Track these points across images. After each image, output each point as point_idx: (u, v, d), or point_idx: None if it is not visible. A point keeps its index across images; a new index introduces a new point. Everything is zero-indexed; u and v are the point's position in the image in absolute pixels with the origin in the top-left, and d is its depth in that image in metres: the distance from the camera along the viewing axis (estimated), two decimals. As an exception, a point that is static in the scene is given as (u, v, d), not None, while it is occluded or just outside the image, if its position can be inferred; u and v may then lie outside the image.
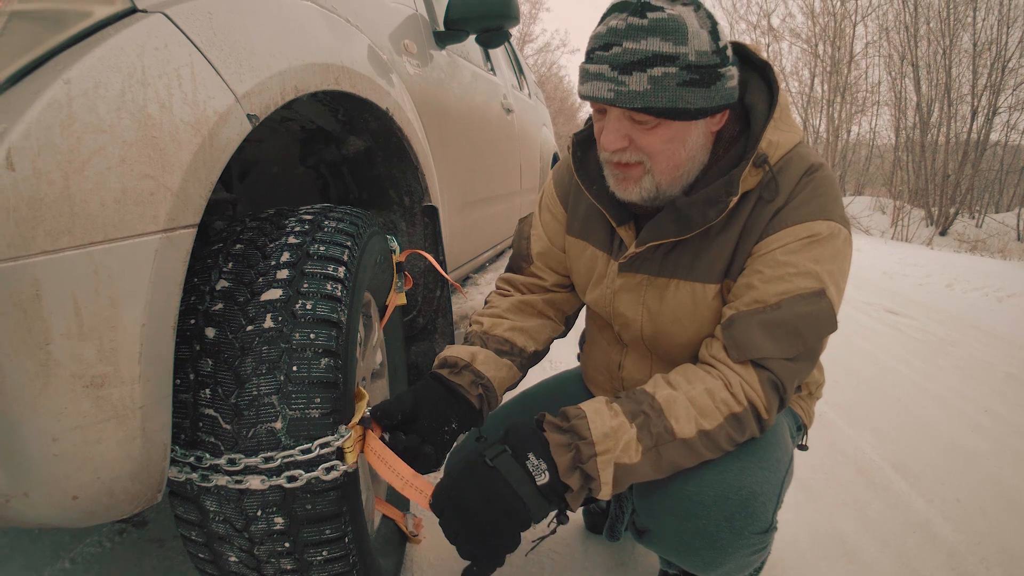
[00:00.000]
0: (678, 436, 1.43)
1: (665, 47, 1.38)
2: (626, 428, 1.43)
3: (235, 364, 1.36)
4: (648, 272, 1.69)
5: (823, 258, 1.49)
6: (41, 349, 1.02)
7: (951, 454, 3.28)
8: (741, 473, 1.50)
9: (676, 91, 1.40)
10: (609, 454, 1.40)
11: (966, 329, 5.98)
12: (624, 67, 1.39)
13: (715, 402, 1.46)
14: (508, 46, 5.73)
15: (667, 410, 1.45)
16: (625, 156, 1.52)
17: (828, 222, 1.50)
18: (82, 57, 1.09)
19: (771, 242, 1.52)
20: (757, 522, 1.50)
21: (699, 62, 1.40)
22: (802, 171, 1.54)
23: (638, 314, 1.74)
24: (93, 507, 1.16)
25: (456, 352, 1.78)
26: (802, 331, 1.47)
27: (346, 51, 1.85)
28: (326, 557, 1.49)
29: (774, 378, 1.47)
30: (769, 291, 1.49)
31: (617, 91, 1.41)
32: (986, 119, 17.05)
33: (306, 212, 1.64)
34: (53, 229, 1.00)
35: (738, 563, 1.55)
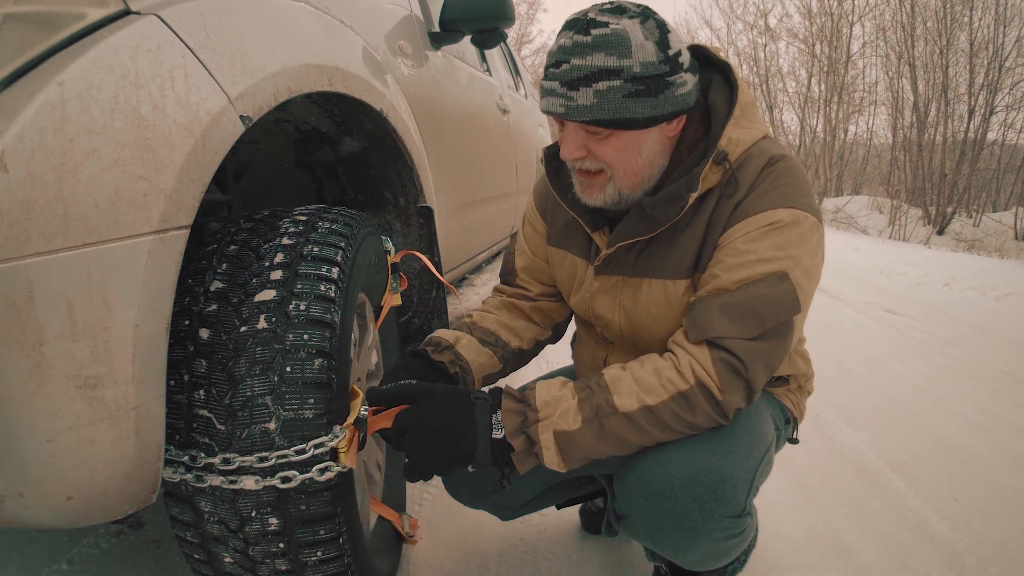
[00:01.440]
0: (619, 409, 1.48)
1: (608, 61, 1.44)
2: (568, 398, 1.52)
3: (229, 365, 1.36)
4: (622, 273, 1.75)
5: (786, 244, 1.52)
6: (35, 350, 1.02)
7: (949, 453, 3.28)
8: (711, 456, 1.52)
9: (622, 103, 1.46)
10: (548, 420, 1.49)
11: (964, 328, 5.98)
12: (572, 83, 1.46)
13: (660, 380, 1.50)
14: (504, 47, 5.73)
15: (611, 385, 1.52)
16: (586, 164, 1.60)
17: (789, 209, 1.53)
18: (76, 59, 1.09)
19: (733, 232, 1.56)
20: (727, 505, 1.52)
21: (644, 73, 1.46)
22: (762, 164, 1.58)
23: (615, 315, 1.80)
24: (88, 508, 1.16)
25: (441, 334, 1.89)
26: (761, 311, 1.49)
27: (340, 52, 1.85)
28: (321, 558, 1.49)
29: (729, 358, 1.48)
30: (730, 278, 1.52)
31: (567, 106, 1.49)
32: (983, 118, 17.05)
33: (300, 213, 1.64)
34: (46, 231, 1.01)
35: (711, 548, 1.58)
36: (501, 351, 1.94)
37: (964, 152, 17.22)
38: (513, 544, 2.38)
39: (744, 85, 1.64)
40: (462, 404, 1.54)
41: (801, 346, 1.92)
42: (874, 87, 21.27)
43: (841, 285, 7.89)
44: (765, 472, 1.67)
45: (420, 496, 2.68)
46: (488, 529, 2.46)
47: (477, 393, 1.57)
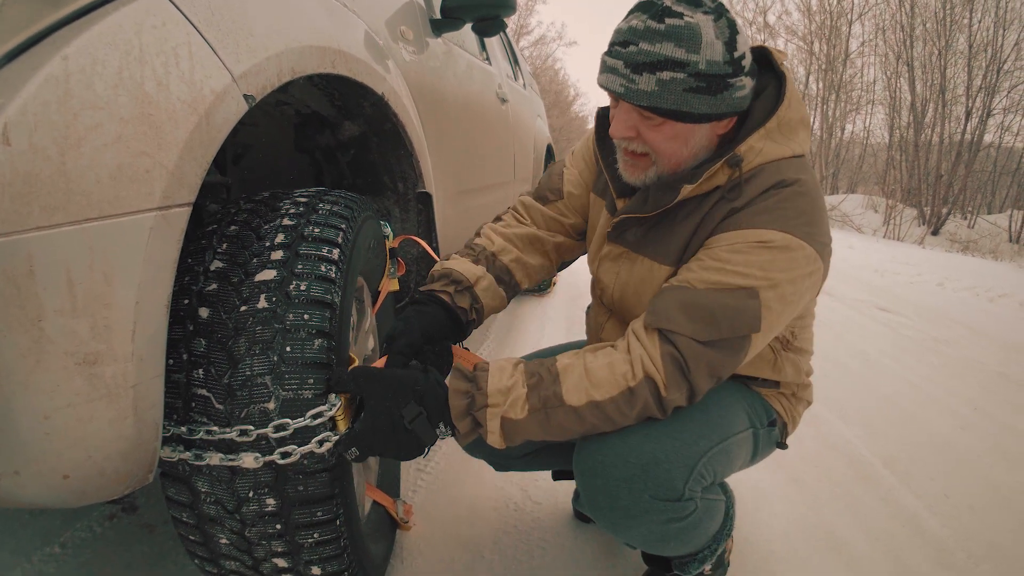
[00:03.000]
0: (566, 403, 1.52)
1: (677, 53, 1.45)
2: (518, 388, 1.53)
3: (228, 344, 1.36)
4: (627, 246, 1.81)
5: (771, 266, 1.51)
6: (34, 325, 1.01)
7: (941, 451, 3.29)
8: (644, 439, 1.57)
9: (682, 95, 1.48)
10: (498, 408, 1.52)
11: (957, 328, 6.00)
12: (636, 66, 1.48)
13: (613, 374, 1.52)
14: (504, 36, 5.71)
15: (561, 376, 1.54)
16: (632, 145, 1.63)
17: (784, 234, 1.52)
18: (80, 34, 1.08)
19: (721, 239, 1.57)
20: (659, 488, 1.56)
21: (708, 71, 1.47)
22: (772, 182, 1.57)
23: (612, 282, 1.87)
24: (84, 487, 1.15)
25: (461, 268, 1.92)
26: (719, 318, 1.50)
27: (343, 35, 1.84)
28: (317, 539, 1.49)
29: (677, 354, 1.50)
30: (700, 277, 1.54)
31: (627, 87, 1.50)
32: (980, 120, 17.10)
33: (301, 195, 1.64)
34: (48, 205, 1.00)
35: (652, 530, 1.62)
36: (512, 291, 2.02)
37: (960, 153, 17.28)
38: (507, 531, 2.38)
39: (797, 101, 1.65)
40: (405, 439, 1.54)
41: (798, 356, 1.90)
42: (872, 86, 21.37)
43: (835, 283, 7.90)
44: (721, 462, 1.70)
45: (415, 483, 2.68)
46: (482, 516, 2.47)
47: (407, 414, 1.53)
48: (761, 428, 1.87)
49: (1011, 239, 16.20)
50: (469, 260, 1.95)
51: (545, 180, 2.13)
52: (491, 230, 2.07)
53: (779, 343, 1.82)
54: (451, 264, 1.92)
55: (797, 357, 1.89)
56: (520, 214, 2.12)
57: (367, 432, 1.50)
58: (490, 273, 1.95)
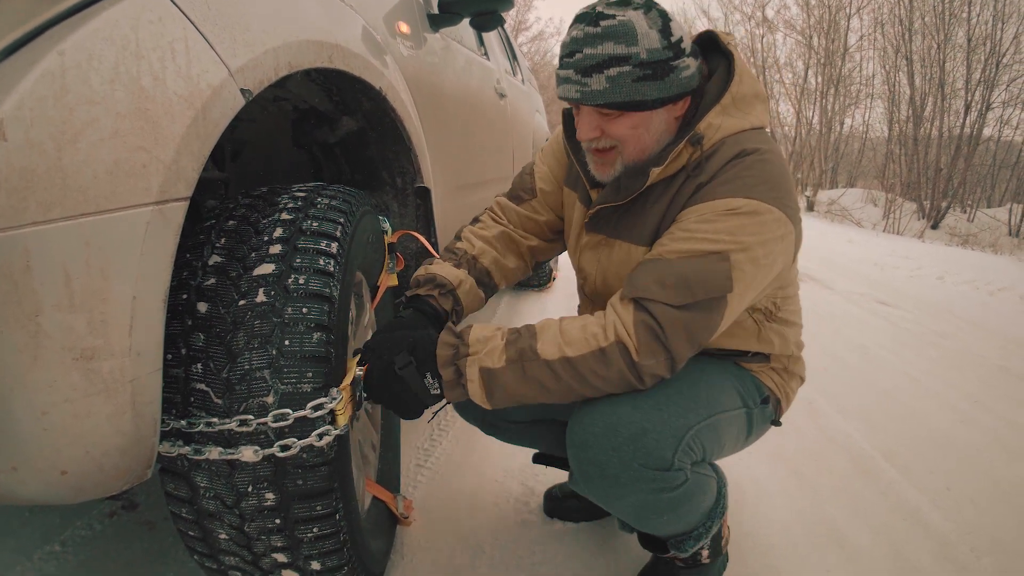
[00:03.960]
0: (541, 356, 1.59)
1: (617, 49, 1.57)
2: (497, 339, 1.63)
3: (227, 338, 1.36)
4: (605, 233, 1.88)
5: (738, 230, 1.58)
6: (31, 321, 1.01)
7: (941, 444, 3.28)
8: (633, 410, 1.62)
9: (632, 86, 1.60)
10: (476, 355, 1.61)
11: (957, 321, 5.99)
12: (585, 70, 1.60)
13: (585, 334, 1.59)
14: (502, 32, 5.71)
15: (538, 332, 1.63)
16: (600, 143, 1.73)
17: (749, 200, 1.59)
18: (77, 29, 1.08)
19: (691, 212, 1.64)
20: (647, 457, 1.61)
21: (650, 59, 1.59)
22: (733, 154, 1.65)
23: (593, 270, 1.95)
24: (83, 483, 1.15)
25: (444, 273, 1.96)
26: (691, 282, 1.56)
27: (340, 29, 1.84)
28: (316, 534, 1.49)
29: (650, 321, 1.56)
30: (672, 247, 1.61)
31: (582, 91, 1.62)
32: (979, 114, 17.05)
33: (299, 189, 1.64)
34: (45, 200, 1.00)
35: (643, 500, 1.67)
36: (490, 291, 2.09)
37: (959, 147, 17.23)
38: (507, 526, 2.39)
39: (748, 77, 1.74)
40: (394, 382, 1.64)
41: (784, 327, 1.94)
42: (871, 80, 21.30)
43: (835, 276, 7.91)
44: (709, 438, 1.74)
45: (414, 478, 2.68)
46: (482, 511, 2.47)
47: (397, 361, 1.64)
48: (755, 407, 1.90)
49: (1011, 233, 16.17)
50: (451, 264, 2.00)
51: (518, 180, 2.21)
52: (471, 233, 2.12)
53: (762, 315, 1.88)
54: (434, 269, 1.97)
55: (783, 328, 1.93)
56: (497, 214, 2.19)
57: (367, 377, 1.65)
58: (471, 276, 2.01)
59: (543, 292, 6.18)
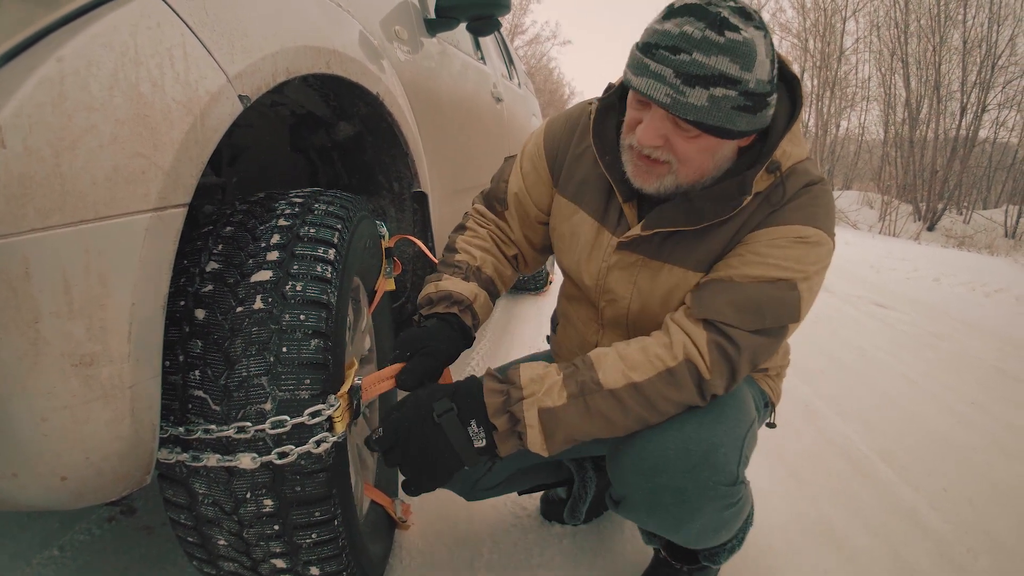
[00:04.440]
0: (604, 386, 1.50)
1: (732, 69, 1.39)
2: (552, 375, 1.53)
3: (225, 345, 1.36)
4: (644, 254, 1.72)
5: (805, 259, 1.55)
6: (30, 327, 1.01)
7: (938, 445, 3.29)
8: (699, 427, 1.55)
9: (729, 113, 1.43)
10: (533, 397, 1.51)
11: (953, 323, 6.00)
12: (688, 78, 1.39)
13: (648, 356, 1.52)
14: (498, 36, 5.72)
15: (596, 363, 1.54)
16: (656, 153, 1.54)
17: (816, 230, 1.56)
18: (75, 36, 1.08)
19: (761, 235, 1.59)
20: (720, 472, 1.55)
21: (756, 90, 1.43)
22: (804, 182, 1.60)
23: (628, 292, 1.78)
24: (82, 488, 1.15)
25: (461, 289, 1.85)
26: (764, 310, 1.53)
27: (337, 35, 1.84)
28: (315, 540, 1.49)
29: (724, 342, 1.51)
30: (743, 272, 1.55)
31: (675, 99, 1.41)
32: (975, 116, 17.09)
33: (296, 195, 1.64)
34: (43, 207, 1.00)
35: (711, 519, 1.62)
36: (495, 300, 1.98)
37: (955, 149, 17.27)
38: (506, 529, 2.39)
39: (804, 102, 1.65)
40: (431, 432, 1.53)
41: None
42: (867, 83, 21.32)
43: (832, 279, 7.89)
44: (751, 445, 1.70)
45: (412, 483, 2.67)
46: (480, 515, 2.47)
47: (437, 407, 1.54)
48: (761, 411, 1.91)
49: (1007, 234, 16.21)
50: (459, 278, 1.89)
51: (494, 188, 2.07)
52: (465, 243, 1.98)
53: None
54: (446, 285, 1.85)
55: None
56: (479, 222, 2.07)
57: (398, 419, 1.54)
58: (482, 288, 1.91)
59: (539, 296, 6.18)
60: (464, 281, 1.88)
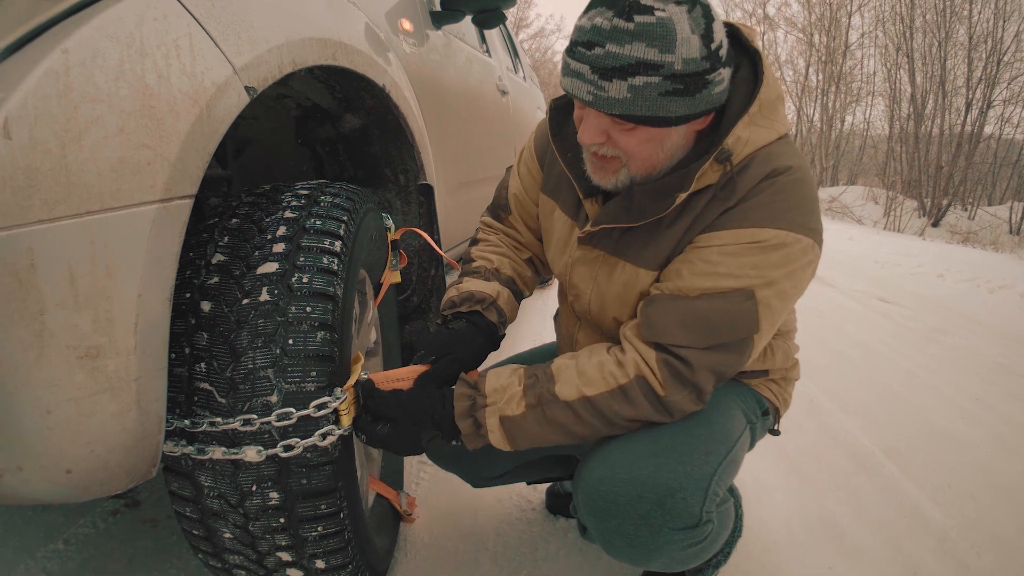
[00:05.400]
0: (560, 398, 1.52)
1: (649, 54, 1.30)
2: (514, 386, 1.56)
3: (231, 337, 1.36)
4: (604, 249, 1.69)
5: (763, 264, 1.45)
6: (35, 319, 1.01)
7: (941, 441, 3.29)
8: (656, 470, 1.48)
9: (657, 101, 1.35)
10: (495, 405, 1.55)
11: (957, 319, 5.99)
12: (604, 72, 1.33)
13: (603, 373, 1.52)
14: (503, 29, 5.71)
15: (555, 375, 1.56)
16: (603, 150, 1.50)
17: (777, 231, 1.45)
18: (81, 27, 1.08)
19: (711, 238, 1.50)
20: (677, 519, 1.47)
21: (685, 71, 1.33)
22: (763, 173, 1.48)
23: (588, 287, 1.76)
24: (87, 481, 1.15)
25: (482, 288, 1.85)
26: (717, 325, 1.46)
27: (344, 27, 1.84)
28: (321, 533, 1.49)
29: (675, 361, 1.47)
30: (693, 284, 1.48)
31: (596, 95, 1.36)
32: (980, 112, 17.06)
33: (302, 187, 1.64)
34: (49, 198, 0.99)
35: (672, 558, 1.55)
36: (519, 299, 1.98)
37: (960, 145, 17.25)
38: (510, 522, 2.38)
39: (772, 78, 1.52)
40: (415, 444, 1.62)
41: (785, 341, 1.87)
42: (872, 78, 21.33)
43: (836, 274, 7.89)
44: (728, 472, 1.63)
45: (417, 475, 2.68)
46: (485, 508, 2.47)
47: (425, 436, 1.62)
48: (756, 421, 1.83)
49: (1011, 231, 16.19)
50: (480, 280, 1.88)
51: (496, 195, 2.08)
52: (480, 252, 1.98)
53: None
54: (467, 286, 1.85)
55: (785, 343, 1.87)
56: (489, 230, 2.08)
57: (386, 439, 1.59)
58: (504, 287, 1.89)
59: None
60: (485, 281, 1.87)
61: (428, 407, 1.59)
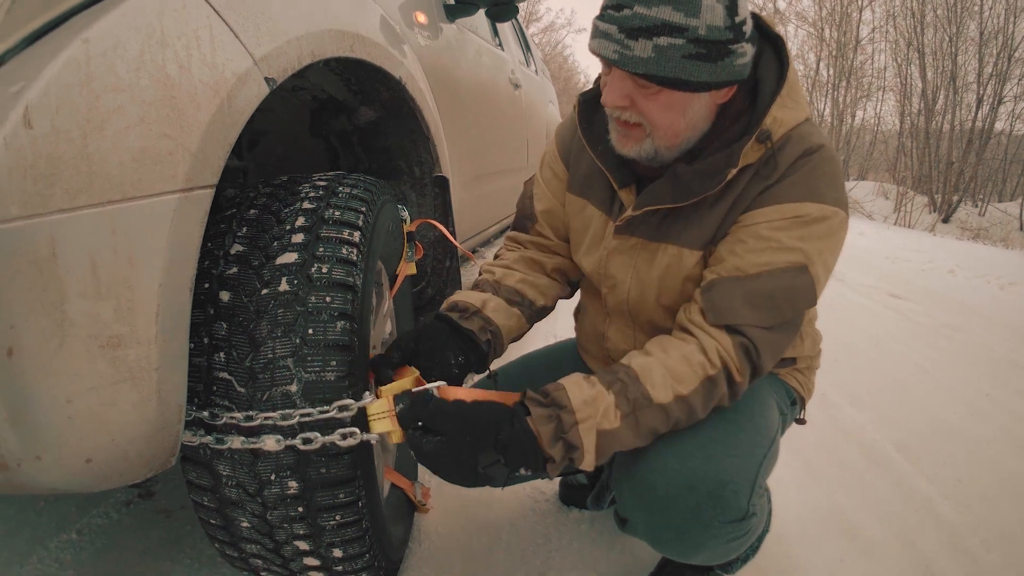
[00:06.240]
0: (655, 401, 1.43)
1: (675, 17, 1.35)
2: (604, 395, 1.43)
3: (250, 327, 1.36)
4: (643, 236, 1.69)
5: (809, 236, 1.49)
6: (56, 309, 1.01)
7: (952, 436, 3.28)
8: (707, 462, 1.49)
9: (680, 63, 1.39)
10: (590, 420, 1.40)
11: (968, 315, 5.97)
12: (631, 31, 1.38)
13: (692, 366, 1.46)
14: (515, 22, 5.70)
15: (643, 377, 1.46)
16: (626, 115, 1.52)
17: (818, 204, 1.49)
18: (102, 16, 1.08)
19: (757, 216, 1.53)
20: (728, 511, 1.48)
21: (709, 36, 1.38)
22: (800, 151, 1.53)
23: (627, 276, 1.75)
24: (107, 471, 1.15)
25: (466, 297, 1.82)
26: (780, 303, 1.48)
27: (360, 19, 1.84)
28: (339, 522, 1.49)
29: (748, 343, 1.47)
30: (751, 261, 1.50)
31: (622, 54, 1.40)
32: (991, 108, 17.00)
33: (320, 178, 1.64)
34: (71, 187, 1.00)
35: (716, 551, 1.56)
36: (528, 310, 1.89)
37: (971, 141, 17.17)
38: (524, 514, 2.39)
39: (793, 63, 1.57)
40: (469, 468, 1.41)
41: (810, 327, 1.89)
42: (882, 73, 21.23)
43: (846, 269, 7.87)
44: (770, 466, 1.64)
45: (429, 468, 2.68)
46: (499, 499, 2.47)
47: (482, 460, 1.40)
48: (787, 411, 1.85)
49: (1022, 227, 16.11)
50: (471, 291, 1.88)
51: (520, 206, 2.06)
52: (490, 266, 1.98)
53: None
54: (455, 297, 1.84)
55: (812, 329, 1.89)
56: (511, 246, 2.06)
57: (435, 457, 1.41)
58: (498, 296, 1.85)
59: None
60: (476, 291, 1.86)
61: (492, 423, 1.42)
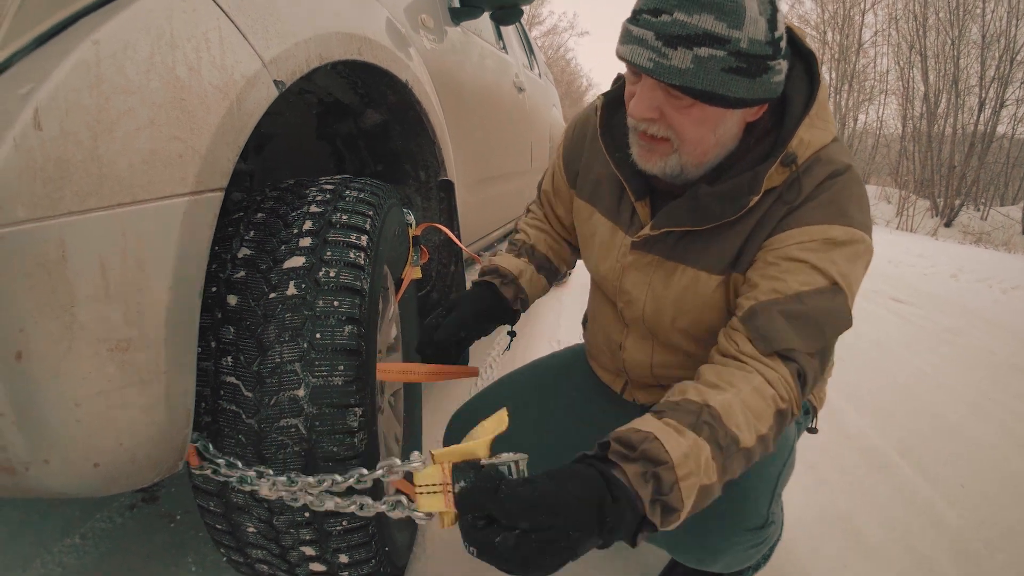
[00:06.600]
0: (742, 445, 1.23)
1: (718, 28, 1.26)
2: (700, 444, 1.19)
3: (257, 331, 1.36)
4: (659, 254, 1.61)
5: (838, 260, 1.39)
6: (66, 311, 1.01)
7: (955, 440, 3.30)
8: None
9: (719, 76, 1.29)
10: (693, 478, 1.16)
11: (970, 319, 5.98)
12: (670, 39, 1.28)
13: (765, 400, 1.29)
14: (519, 26, 5.70)
15: (726, 417, 1.24)
16: (652, 128, 1.42)
17: (845, 228, 1.40)
18: (111, 18, 1.08)
19: (785, 239, 1.43)
20: (749, 519, 1.49)
21: (750, 51, 1.29)
22: (826, 174, 1.44)
23: (642, 293, 1.67)
24: (115, 474, 1.15)
25: (506, 263, 1.94)
26: (823, 326, 1.36)
27: (367, 22, 1.84)
28: (345, 527, 1.49)
29: (801, 370, 1.33)
30: (789, 281, 1.38)
31: (657, 63, 1.29)
32: (993, 111, 17.02)
33: (327, 182, 1.64)
34: (80, 190, 0.99)
35: (734, 558, 1.56)
36: (553, 276, 2.03)
37: (973, 145, 17.22)
38: (528, 521, 2.37)
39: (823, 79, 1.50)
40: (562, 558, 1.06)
41: None
42: (885, 76, 21.27)
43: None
44: (788, 475, 1.63)
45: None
46: (502, 507, 2.45)
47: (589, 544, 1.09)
48: (802, 420, 1.82)
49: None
50: (512, 255, 1.96)
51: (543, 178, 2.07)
52: (525, 224, 2.06)
53: None
54: (497, 260, 1.93)
55: None
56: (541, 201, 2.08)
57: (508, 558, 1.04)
58: (531, 263, 1.95)
59: (559, 287, 6.15)
60: (515, 257, 1.94)
61: (590, 503, 1.08)
